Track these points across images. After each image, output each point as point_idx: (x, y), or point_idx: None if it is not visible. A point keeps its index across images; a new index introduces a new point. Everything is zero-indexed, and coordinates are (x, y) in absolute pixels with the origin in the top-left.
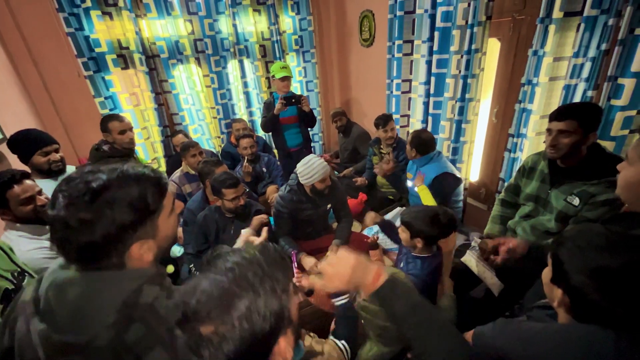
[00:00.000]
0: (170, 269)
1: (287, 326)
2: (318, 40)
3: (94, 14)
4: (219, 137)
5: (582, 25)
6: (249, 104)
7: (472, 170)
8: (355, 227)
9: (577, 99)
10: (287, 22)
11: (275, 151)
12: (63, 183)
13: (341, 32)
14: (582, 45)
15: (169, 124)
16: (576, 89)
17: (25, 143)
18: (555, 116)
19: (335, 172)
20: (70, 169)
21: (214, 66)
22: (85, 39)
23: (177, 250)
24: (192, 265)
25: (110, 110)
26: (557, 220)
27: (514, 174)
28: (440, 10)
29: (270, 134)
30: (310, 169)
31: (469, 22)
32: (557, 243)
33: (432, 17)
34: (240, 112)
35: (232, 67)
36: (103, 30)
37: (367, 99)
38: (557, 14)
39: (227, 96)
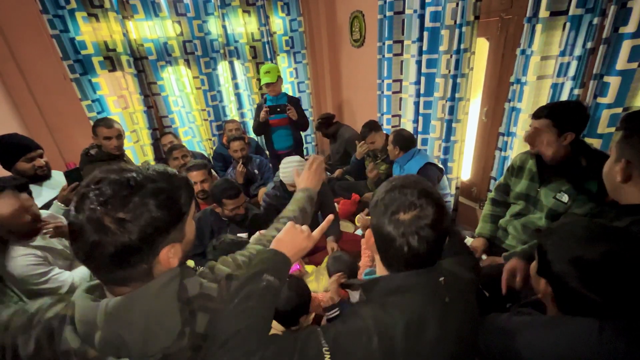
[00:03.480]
0: (191, 263)
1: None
2: (309, 41)
3: (80, 15)
4: (210, 140)
5: (568, 25)
6: (240, 106)
7: (463, 169)
8: (349, 227)
9: (564, 97)
10: (278, 23)
11: (268, 153)
12: (89, 183)
13: (332, 32)
14: (568, 44)
15: (159, 127)
16: (563, 87)
17: (9, 149)
18: (533, 114)
19: (328, 173)
20: (56, 174)
21: (204, 68)
22: (70, 41)
23: None
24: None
25: (98, 113)
26: (548, 218)
27: (505, 172)
28: (428, 10)
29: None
30: (285, 170)
31: (458, 22)
32: (543, 235)
33: (421, 17)
34: (232, 114)
35: (223, 68)
36: (89, 32)
37: (358, 99)
38: (543, 13)
39: (218, 98)
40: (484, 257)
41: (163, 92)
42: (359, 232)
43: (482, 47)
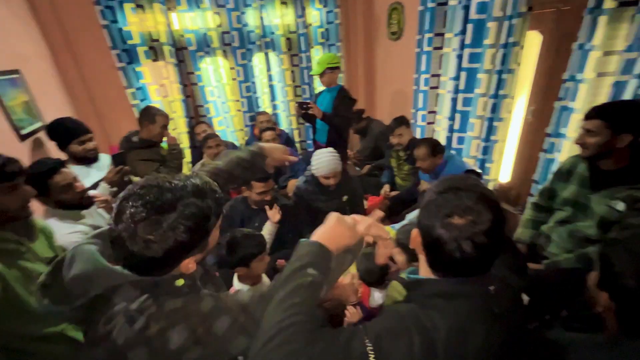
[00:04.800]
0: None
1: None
2: (344, 33)
3: (128, 6)
4: (242, 130)
5: (638, 16)
6: (273, 97)
7: (502, 171)
8: None
9: (627, 97)
10: (314, 14)
11: (298, 145)
12: (130, 198)
13: (368, 25)
14: (637, 38)
15: (195, 116)
16: (627, 86)
17: (64, 132)
18: (585, 114)
19: (357, 169)
20: (103, 156)
21: (240, 59)
22: (119, 31)
23: None
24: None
25: (141, 101)
26: (599, 227)
27: (549, 176)
28: (475, 1)
29: None
30: (318, 161)
31: (508, 13)
32: (608, 246)
33: (466, 9)
34: (265, 106)
35: (258, 60)
36: (136, 23)
37: (392, 94)
38: (609, 3)
39: (252, 89)
40: None
41: (200, 82)
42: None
43: (532, 41)
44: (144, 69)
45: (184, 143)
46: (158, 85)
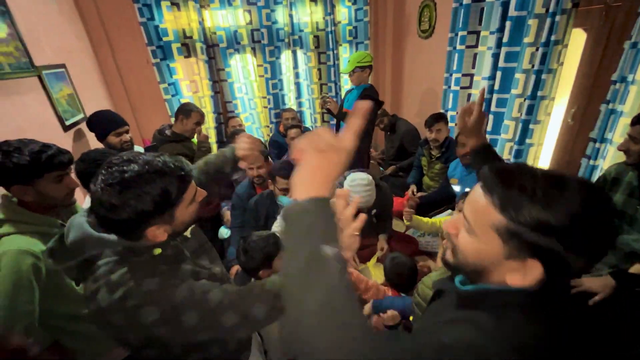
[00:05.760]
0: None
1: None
2: (373, 31)
3: (164, 4)
4: (268, 127)
5: None
6: (299, 95)
7: None
8: (400, 226)
9: None
10: (343, 12)
11: None
12: (106, 165)
13: (398, 22)
14: None
15: (223, 112)
16: None
17: (102, 123)
18: (631, 120)
19: (381, 169)
20: (137, 149)
21: (268, 56)
22: (154, 29)
23: (224, 232)
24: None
25: (172, 96)
26: None
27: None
28: None
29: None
30: (351, 192)
31: (551, 10)
32: None
33: (505, 5)
34: (290, 103)
35: (286, 57)
36: (171, 20)
37: (420, 93)
38: None
39: (279, 86)
40: None
41: (229, 79)
42: (411, 232)
43: (576, 39)
44: (177, 65)
45: (212, 138)
46: (189, 81)
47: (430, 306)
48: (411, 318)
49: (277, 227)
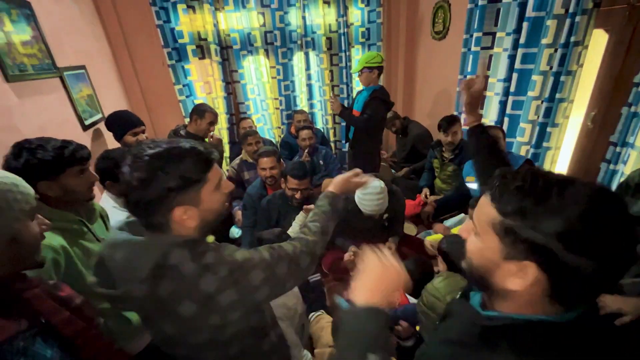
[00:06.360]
0: (211, 238)
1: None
2: (386, 32)
3: (180, 7)
4: (279, 128)
5: None
6: (310, 96)
7: None
8: (411, 229)
9: None
10: (356, 14)
11: (333, 145)
12: (134, 150)
13: (411, 24)
14: None
15: (235, 113)
16: None
17: (120, 123)
18: None
19: (392, 171)
20: None
21: (280, 58)
22: (171, 31)
23: (235, 232)
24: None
25: (187, 97)
26: None
27: (612, 189)
28: None
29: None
30: (365, 200)
31: (571, 10)
32: None
33: (522, 6)
34: (302, 104)
35: (298, 59)
36: (186, 23)
37: (432, 95)
38: None
39: (291, 88)
40: None
41: (242, 80)
42: (422, 234)
43: (597, 40)
44: (192, 66)
45: (224, 138)
46: (203, 82)
47: (444, 324)
48: (418, 327)
49: (298, 221)
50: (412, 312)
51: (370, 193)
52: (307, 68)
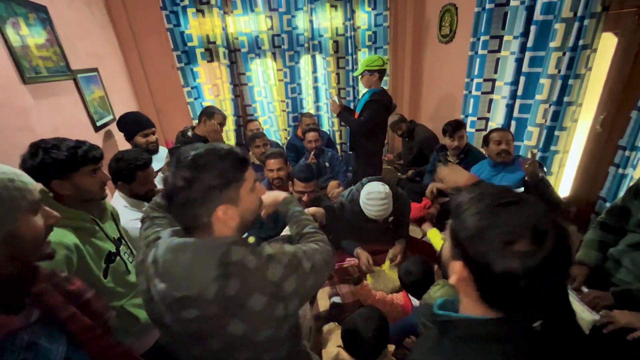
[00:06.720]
0: (252, 239)
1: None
2: (392, 36)
3: (190, 11)
4: (285, 130)
5: None
6: (317, 99)
7: (562, 185)
8: (416, 232)
9: None
10: (363, 17)
11: (339, 147)
12: (177, 154)
13: (418, 27)
14: None
15: (242, 115)
16: None
17: (131, 124)
18: None
19: (398, 174)
20: (161, 149)
21: (288, 61)
22: (180, 34)
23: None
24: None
25: (195, 99)
26: None
27: (620, 193)
28: (541, 1)
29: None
30: (368, 204)
31: (579, 14)
32: None
33: (530, 10)
34: (309, 107)
35: (305, 62)
36: (196, 26)
37: (439, 99)
38: None
39: (297, 90)
40: (584, 289)
41: (250, 83)
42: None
43: (606, 44)
44: (200, 69)
45: (232, 140)
46: (211, 84)
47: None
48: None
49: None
50: (413, 324)
51: (374, 198)
52: (314, 71)
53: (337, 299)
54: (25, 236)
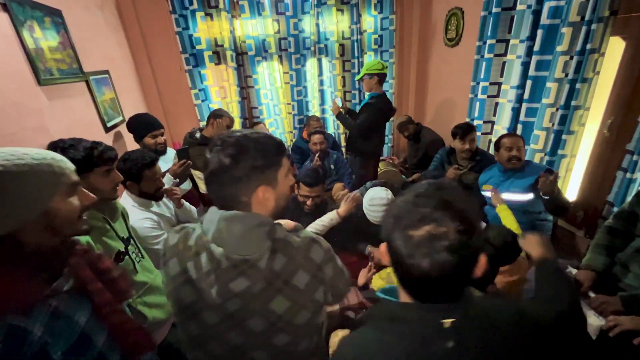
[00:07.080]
0: None
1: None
2: (398, 39)
3: (199, 15)
4: (291, 132)
5: None
6: (322, 102)
7: (569, 189)
8: None
9: None
10: (369, 21)
11: (344, 150)
12: (218, 141)
13: (424, 31)
14: None
15: (249, 117)
16: None
17: (141, 126)
18: None
19: (403, 177)
20: (169, 150)
21: (294, 64)
22: (189, 37)
23: None
24: None
25: (202, 101)
26: None
27: (628, 197)
28: (547, 5)
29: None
30: (371, 209)
31: (587, 18)
32: None
33: (536, 14)
34: (314, 109)
35: (311, 65)
36: (204, 30)
37: (444, 102)
38: None
39: (303, 93)
40: (591, 294)
41: (256, 85)
42: None
43: (614, 48)
44: (208, 71)
45: None
46: (218, 87)
47: None
48: None
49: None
50: None
51: (376, 204)
52: (320, 74)
53: (350, 314)
54: (60, 214)
